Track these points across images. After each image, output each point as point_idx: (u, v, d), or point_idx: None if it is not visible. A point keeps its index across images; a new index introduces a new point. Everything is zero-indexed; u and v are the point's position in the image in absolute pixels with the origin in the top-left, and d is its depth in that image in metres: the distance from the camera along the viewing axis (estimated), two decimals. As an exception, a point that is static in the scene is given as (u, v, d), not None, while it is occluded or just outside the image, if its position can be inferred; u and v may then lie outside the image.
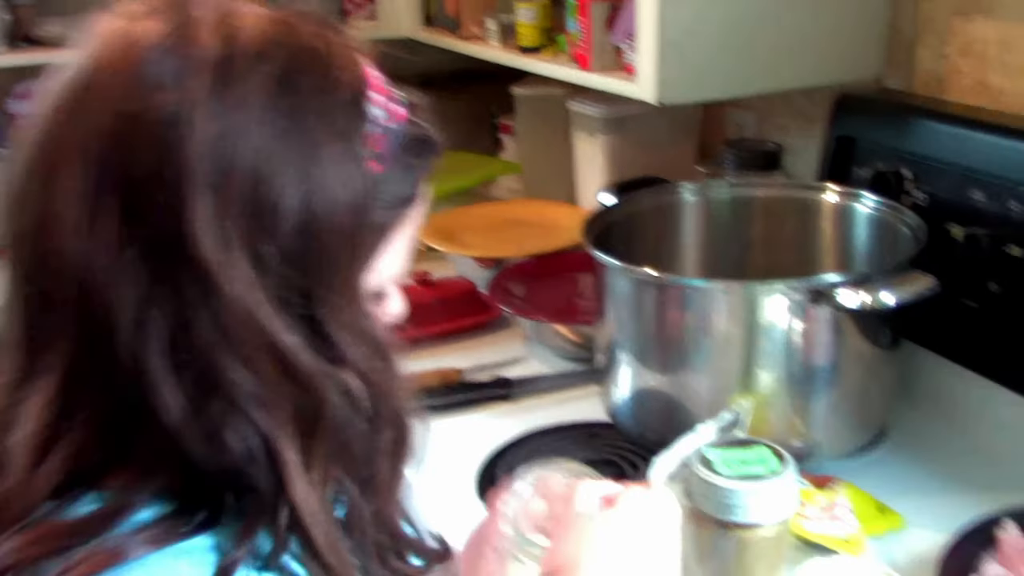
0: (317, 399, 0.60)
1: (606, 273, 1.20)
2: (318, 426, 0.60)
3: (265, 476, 0.59)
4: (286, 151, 0.59)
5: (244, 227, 0.58)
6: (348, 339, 0.61)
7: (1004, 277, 1.16)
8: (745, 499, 0.88)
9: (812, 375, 1.13)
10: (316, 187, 0.59)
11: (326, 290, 0.60)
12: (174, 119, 0.57)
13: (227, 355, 0.58)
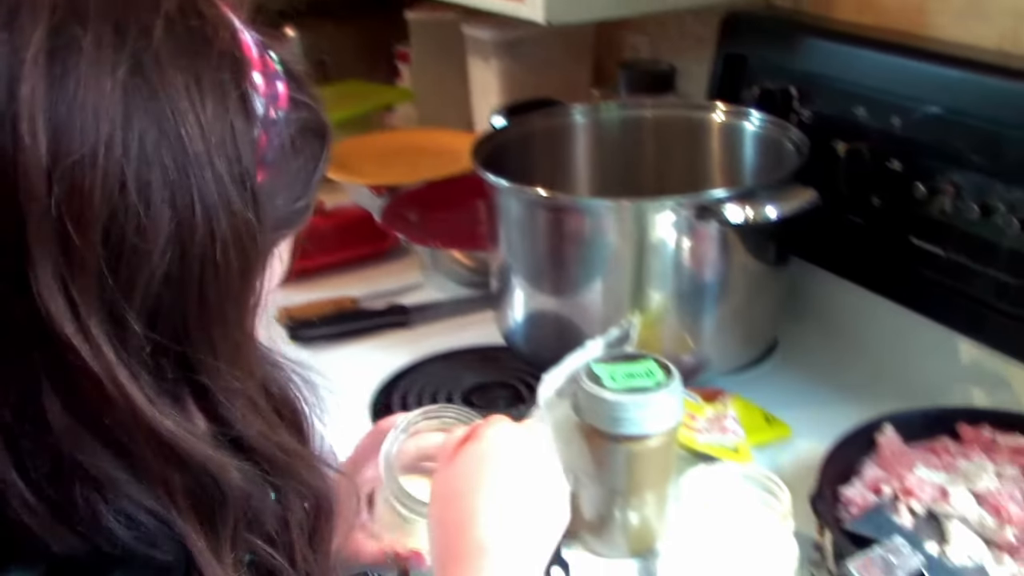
0: (213, 482, 0.51)
1: (497, 195, 1.19)
2: (220, 509, 0.52)
3: (173, 552, 0.51)
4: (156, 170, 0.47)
5: (97, 279, 0.46)
6: (240, 411, 0.52)
7: (886, 191, 1.19)
8: (632, 411, 0.89)
9: (701, 291, 1.14)
10: (190, 221, 0.47)
11: (207, 353, 0.50)
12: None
13: (88, 440, 0.48)
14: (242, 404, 0.52)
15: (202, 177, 0.47)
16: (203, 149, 0.47)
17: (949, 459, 0.98)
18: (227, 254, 0.48)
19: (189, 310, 0.49)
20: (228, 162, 0.48)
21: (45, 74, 0.45)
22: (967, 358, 1.16)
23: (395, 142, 1.89)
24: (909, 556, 0.83)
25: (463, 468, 0.74)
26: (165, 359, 0.49)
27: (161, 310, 0.48)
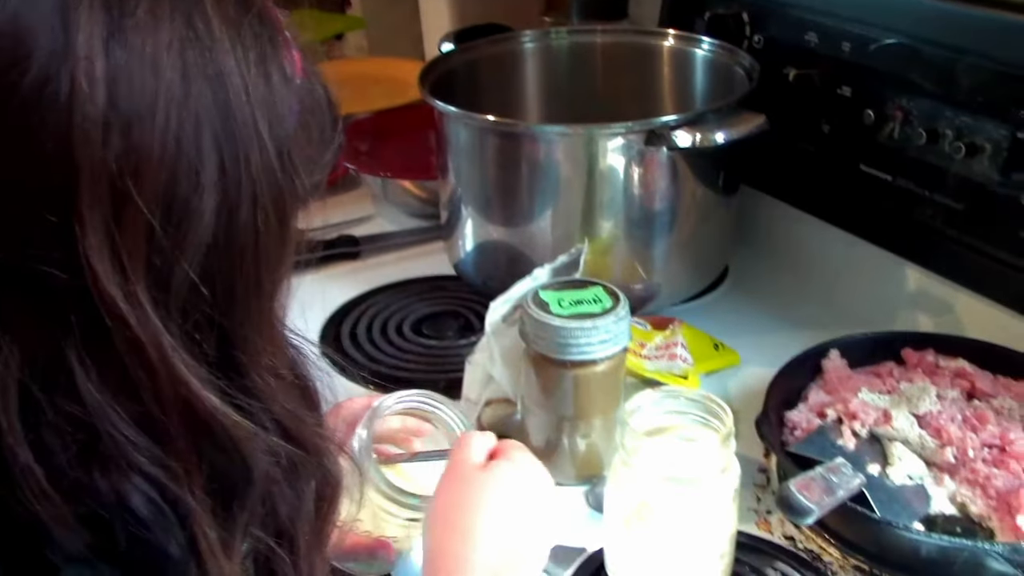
0: (242, 463, 0.49)
1: (445, 122, 1.17)
2: (242, 494, 0.50)
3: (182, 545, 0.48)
4: (208, 132, 0.45)
5: (147, 241, 0.44)
6: (271, 386, 0.50)
7: (835, 118, 1.18)
8: (578, 337, 0.89)
9: (651, 219, 1.13)
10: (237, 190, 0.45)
11: (244, 328, 0.48)
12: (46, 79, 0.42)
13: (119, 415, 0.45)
14: (272, 378, 0.50)
15: (247, 142, 0.46)
16: (249, 113, 0.46)
17: (893, 383, 1.00)
18: (268, 221, 0.47)
19: (231, 279, 0.47)
20: (269, 126, 0.47)
21: (102, 20, 0.43)
22: (914, 284, 1.17)
23: (345, 71, 1.85)
24: (850, 476, 0.84)
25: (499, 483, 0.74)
26: (207, 330, 0.47)
27: (207, 279, 0.46)
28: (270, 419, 0.50)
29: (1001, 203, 1.03)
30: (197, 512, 0.47)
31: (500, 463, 0.76)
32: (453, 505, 0.73)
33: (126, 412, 0.45)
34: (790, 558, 0.87)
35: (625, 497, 0.79)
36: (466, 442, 0.78)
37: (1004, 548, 0.79)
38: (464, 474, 0.75)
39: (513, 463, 0.76)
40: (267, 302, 0.49)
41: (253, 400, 0.49)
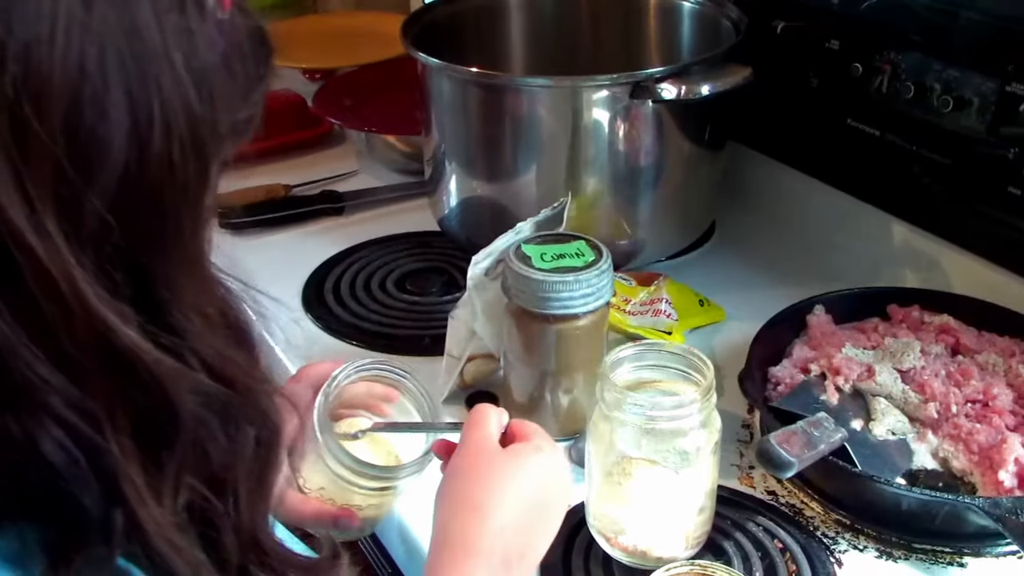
0: (167, 404, 0.47)
1: (428, 75, 1.16)
2: (170, 436, 0.48)
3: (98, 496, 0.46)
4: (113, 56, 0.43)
5: (54, 170, 0.42)
6: (197, 326, 0.48)
7: (823, 71, 1.17)
8: (560, 291, 0.89)
9: (636, 174, 1.12)
10: (148, 119, 0.44)
11: (163, 265, 0.46)
12: None
13: (33, 353, 0.43)
14: (199, 319, 0.48)
15: (158, 68, 0.44)
16: (159, 39, 0.44)
17: (878, 338, 0.99)
18: (185, 155, 0.45)
19: (147, 213, 0.45)
20: (184, 56, 0.45)
21: None
22: (901, 240, 1.16)
23: (330, 25, 1.83)
24: (832, 431, 0.83)
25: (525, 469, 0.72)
26: (122, 265, 0.45)
27: (119, 212, 0.44)
28: (196, 359, 0.48)
29: (989, 158, 1.02)
30: (121, 458, 0.46)
31: (527, 448, 0.74)
32: (474, 483, 0.71)
33: (40, 350, 0.43)
34: (772, 513, 0.87)
35: (605, 451, 0.79)
36: (483, 419, 0.75)
37: (984, 502, 0.79)
38: (487, 453, 0.73)
39: (540, 452, 0.74)
40: (189, 238, 0.48)
41: (176, 338, 0.47)
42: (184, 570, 0.48)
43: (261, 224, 1.34)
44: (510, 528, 0.69)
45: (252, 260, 1.35)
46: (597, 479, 0.80)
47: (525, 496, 0.71)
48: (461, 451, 0.74)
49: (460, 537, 0.69)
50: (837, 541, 0.85)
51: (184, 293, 0.47)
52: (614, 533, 0.81)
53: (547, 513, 0.73)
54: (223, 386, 0.49)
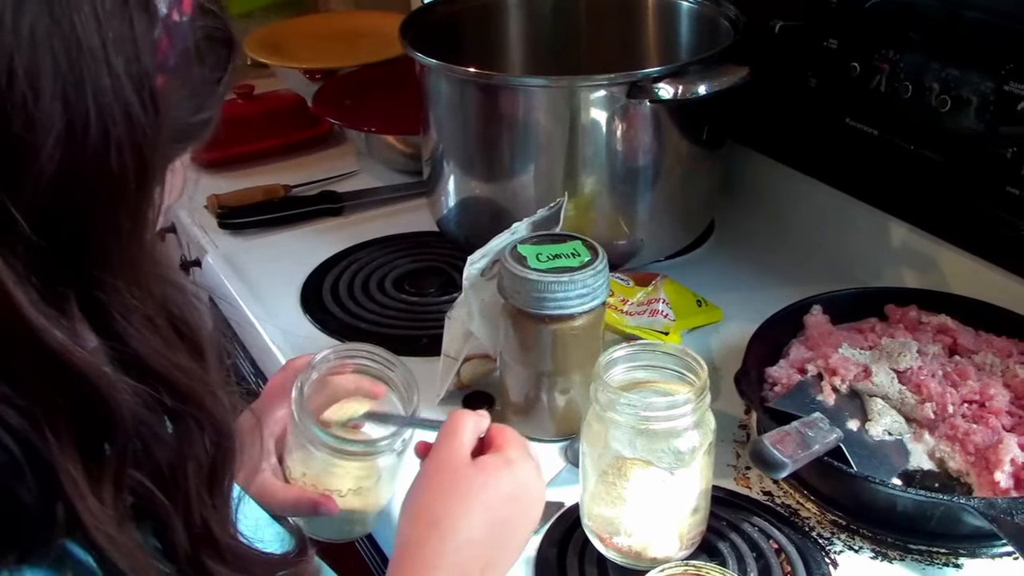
0: (104, 404, 0.47)
1: (426, 75, 1.16)
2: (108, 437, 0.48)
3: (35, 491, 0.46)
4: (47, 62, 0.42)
5: None
6: (138, 329, 0.48)
7: (821, 70, 1.17)
8: (555, 291, 0.88)
9: (634, 174, 1.12)
10: (83, 122, 0.43)
11: (102, 269, 0.46)
12: None
13: None
14: (139, 321, 0.48)
15: (96, 73, 0.43)
16: (99, 44, 0.43)
17: (875, 338, 0.99)
18: (123, 159, 0.45)
19: (81, 217, 0.45)
20: (126, 61, 0.44)
21: None
22: (900, 240, 1.16)
23: (331, 24, 1.83)
24: (826, 431, 0.83)
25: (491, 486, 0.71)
26: (56, 269, 0.45)
27: (51, 215, 0.44)
28: (136, 362, 0.48)
29: (987, 157, 1.02)
30: (59, 453, 0.46)
31: (496, 462, 0.72)
32: (438, 498, 0.70)
33: None
34: (768, 513, 0.87)
35: (599, 451, 0.78)
36: (457, 428, 0.74)
37: (979, 503, 0.79)
38: (453, 466, 0.72)
39: (510, 467, 0.72)
40: (128, 242, 0.47)
41: (117, 343, 0.47)
42: (123, 562, 0.48)
43: (260, 224, 1.34)
44: (470, 544, 0.69)
45: (251, 260, 1.36)
46: (591, 480, 0.80)
47: (488, 512, 0.70)
48: (430, 461, 0.73)
49: (419, 552, 0.69)
50: (833, 542, 0.85)
51: (123, 296, 0.47)
52: (608, 534, 0.81)
53: (511, 528, 0.72)
54: (166, 391, 0.49)
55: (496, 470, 0.72)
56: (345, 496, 0.81)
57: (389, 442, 0.81)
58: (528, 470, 0.74)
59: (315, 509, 0.79)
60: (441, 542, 0.69)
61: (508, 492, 0.72)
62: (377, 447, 0.81)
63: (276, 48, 1.69)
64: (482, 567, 0.70)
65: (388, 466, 0.83)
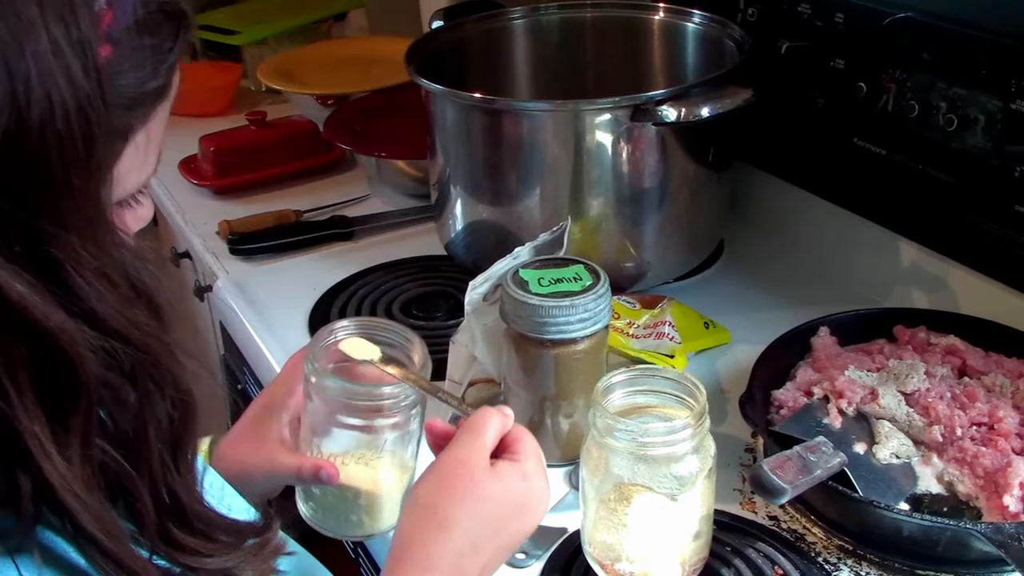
0: (66, 359, 0.48)
1: (432, 101, 1.16)
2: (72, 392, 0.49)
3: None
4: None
5: None
6: (94, 285, 0.49)
7: (828, 90, 1.16)
8: (556, 316, 0.88)
9: (640, 196, 1.12)
10: (25, 86, 0.45)
11: (53, 223, 0.47)
12: None
13: None
14: (94, 277, 0.49)
15: (36, 42, 0.45)
16: (37, 14, 0.46)
17: (882, 360, 0.98)
18: (69, 122, 0.46)
19: (32, 177, 0.46)
20: (65, 28, 0.46)
21: None
22: (909, 259, 1.15)
23: (343, 51, 1.84)
24: (830, 455, 0.82)
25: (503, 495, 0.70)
26: (11, 228, 0.47)
27: (3, 177, 0.46)
28: (94, 317, 0.49)
29: (995, 176, 1.01)
30: (23, 412, 0.47)
31: (513, 473, 0.71)
32: (451, 499, 0.70)
33: None
34: (773, 538, 0.86)
35: (600, 477, 0.78)
36: (482, 426, 0.73)
37: (986, 528, 0.77)
38: (470, 469, 0.71)
39: (527, 481, 0.72)
40: (84, 203, 0.48)
41: (73, 297, 0.48)
42: (91, 524, 0.49)
43: (271, 250, 1.35)
44: (474, 550, 0.69)
45: (262, 285, 1.37)
46: (592, 506, 0.80)
47: (497, 522, 0.70)
48: (447, 456, 0.72)
49: (422, 549, 0.68)
50: (839, 567, 0.84)
51: (80, 254, 0.48)
52: (610, 560, 0.80)
53: (514, 537, 0.72)
54: (123, 347, 0.50)
55: (513, 482, 0.71)
56: (348, 466, 0.78)
57: (397, 401, 0.78)
58: (541, 486, 0.73)
59: (316, 474, 0.77)
60: (446, 543, 0.68)
61: (520, 504, 0.71)
62: (385, 398, 0.77)
63: (289, 75, 1.70)
64: (479, 571, 0.69)
65: (393, 441, 0.79)
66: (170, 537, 0.54)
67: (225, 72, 1.86)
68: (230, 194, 1.51)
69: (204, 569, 0.55)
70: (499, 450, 0.74)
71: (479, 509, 0.69)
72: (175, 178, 1.54)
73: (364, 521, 0.82)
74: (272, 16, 1.93)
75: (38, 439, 0.47)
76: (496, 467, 0.72)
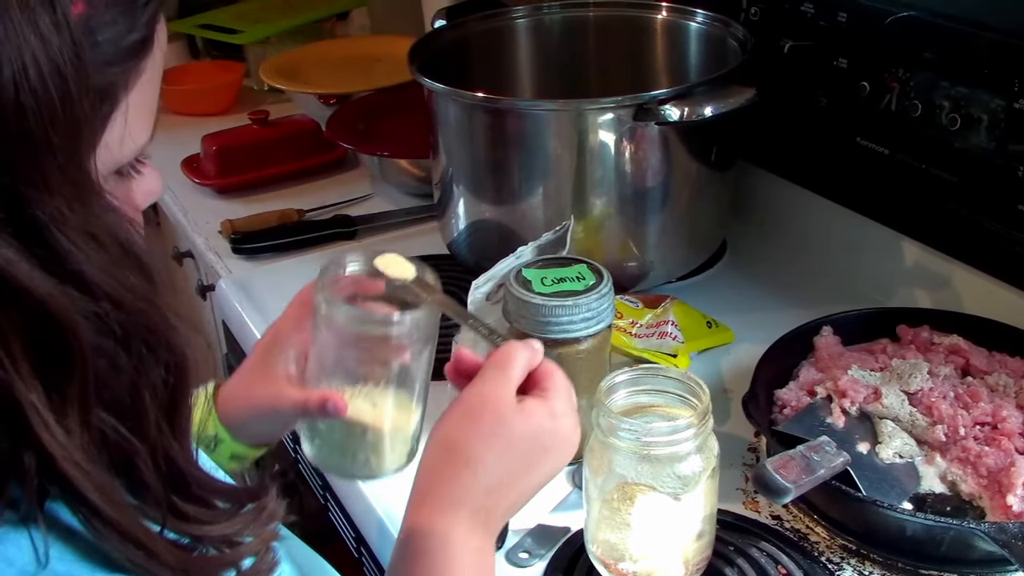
0: (58, 326, 0.47)
1: (434, 100, 1.16)
2: (66, 359, 0.48)
3: None
4: None
5: None
6: (82, 247, 0.48)
7: (831, 90, 1.16)
8: (559, 315, 0.88)
9: (643, 196, 1.12)
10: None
11: (37, 188, 0.47)
12: None
13: None
14: (81, 238, 0.48)
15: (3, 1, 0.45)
16: None
17: (885, 360, 0.98)
18: (44, 80, 0.46)
19: (11, 138, 0.46)
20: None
21: None
22: (912, 259, 1.15)
23: (345, 50, 1.84)
24: (833, 454, 0.82)
25: (530, 433, 0.68)
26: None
27: None
28: (83, 280, 0.48)
29: (998, 175, 1.01)
30: (20, 383, 0.46)
31: (542, 412, 0.69)
32: (477, 437, 0.67)
33: None
34: (776, 538, 0.86)
35: (603, 477, 0.78)
36: (510, 360, 0.70)
37: (990, 528, 0.77)
38: (498, 405, 0.68)
39: (555, 421, 0.69)
40: (67, 164, 0.48)
41: (62, 262, 0.48)
42: (92, 493, 0.48)
43: (274, 249, 1.35)
44: (500, 488, 0.67)
45: (264, 285, 1.37)
46: (596, 505, 0.80)
47: (524, 462, 0.68)
48: (473, 391, 0.70)
49: (447, 487, 0.67)
50: (842, 567, 0.84)
51: (66, 216, 0.48)
52: (613, 559, 0.80)
53: (540, 476, 0.70)
54: (114, 309, 0.49)
55: (541, 420, 0.69)
56: (356, 400, 0.75)
57: (408, 331, 0.73)
58: (570, 425, 0.71)
59: (323, 406, 0.74)
60: (472, 482, 0.67)
61: (547, 445, 0.69)
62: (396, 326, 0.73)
63: (291, 74, 1.70)
64: (505, 509, 0.69)
65: (402, 377, 0.76)
66: (172, 507, 0.53)
67: (227, 71, 1.87)
68: (233, 193, 1.51)
69: (207, 537, 0.54)
70: (528, 385, 0.71)
71: (505, 447, 0.67)
72: (177, 177, 1.55)
73: (371, 460, 0.79)
74: (274, 15, 1.93)
75: (36, 409, 0.47)
76: (524, 404, 0.69)
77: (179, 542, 0.53)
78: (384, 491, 0.95)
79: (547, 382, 0.71)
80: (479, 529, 0.67)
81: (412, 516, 0.67)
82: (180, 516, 0.53)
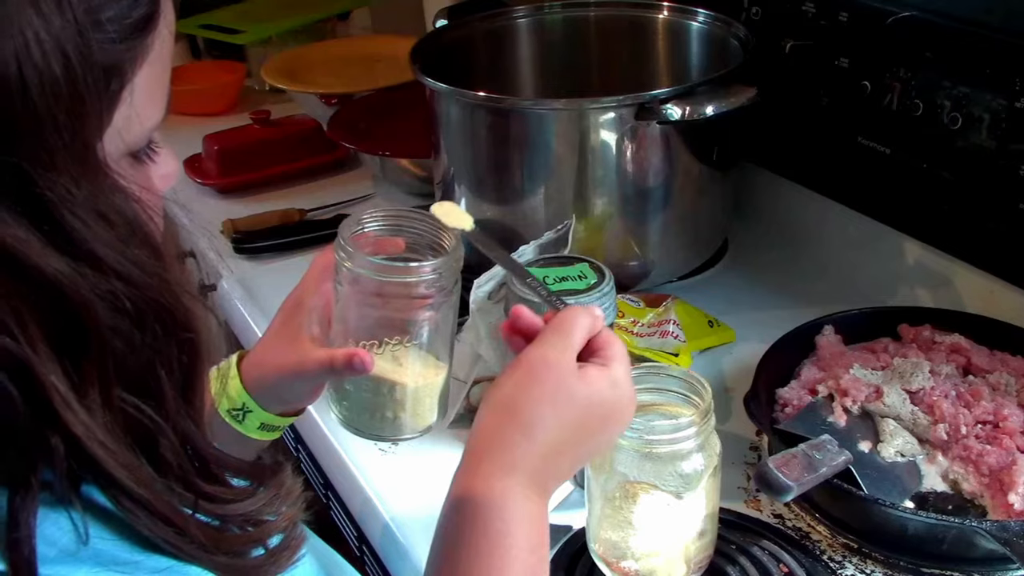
0: (73, 307, 0.47)
1: (436, 99, 1.16)
2: (84, 339, 0.48)
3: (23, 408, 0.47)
4: None
5: None
6: (91, 226, 0.48)
7: (833, 89, 1.16)
8: (561, 314, 0.88)
9: (644, 195, 1.12)
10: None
11: (44, 166, 0.47)
12: None
13: None
14: (89, 215, 0.48)
15: None
16: None
17: (887, 359, 0.98)
18: (47, 56, 0.46)
19: (17, 116, 0.46)
20: None
21: None
22: (913, 258, 1.15)
23: (347, 50, 1.84)
24: (835, 453, 0.82)
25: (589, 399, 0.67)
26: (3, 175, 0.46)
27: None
28: (94, 258, 0.48)
29: (999, 175, 1.01)
30: (39, 365, 0.46)
31: (602, 379, 0.67)
32: (536, 402, 0.66)
33: None
34: (778, 536, 0.86)
35: (605, 475, 0.78)
36: (571, 325, 0.69)
37: (992, 526, 0.78)
38: (559, 370, 0.67)
39: (614, 389, 0.68)
40: (73, 142, 0.48)
41: (73, 240, 0.48)
42: (119, 471, 0.49)
43: (275, 249, 1.35)
44: (556, 455, 0.66)
45: (266, 284, 1.37)
46: (597, 504, 0.80)
47: (582, 430, 0.67)
48: (533, 354, 0.68)
49: (503, 450, 0.65)
50: (844, 565, 0.84)
51: (74, 194, 0.47)
52: (615, 558, 0.80)
53: (595, 446, 0.69)
54: (124, 286, 0.49)
55: (601, 388, 0.67)
56: (382, 356, 0.74)
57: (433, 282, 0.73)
58: (629, 396, 0.70)
59: (349, 363, 0.73)
60: (528, 446, 0.65)
61: (605, 414, 0.68)
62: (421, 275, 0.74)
63: (293, 74, 1.70)
64: (559, 476, 0.68)
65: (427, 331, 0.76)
66: (194, 487, 0.53)
67: (229, 71, 1.87)
68: (234, 193, 1.51)
69: (229, 515, 0.54)
70: (586, 353, 0.69)
71: (564, 413, 0.66)
72: (179, 177, 1.54)
73: (400, 418, 0.79)
74: (276, 15, 1.93)
75: (57, 389, 0.47)
76: (584, 371, 0.68)
77: (212, 524, 0.53)
78: (385, 491, 0.95)
79: (608, 350, 0.69)
80: (535, 495, 0.66)
81: (467, 479, 0.65)
82: (203, 496, 0.53)
